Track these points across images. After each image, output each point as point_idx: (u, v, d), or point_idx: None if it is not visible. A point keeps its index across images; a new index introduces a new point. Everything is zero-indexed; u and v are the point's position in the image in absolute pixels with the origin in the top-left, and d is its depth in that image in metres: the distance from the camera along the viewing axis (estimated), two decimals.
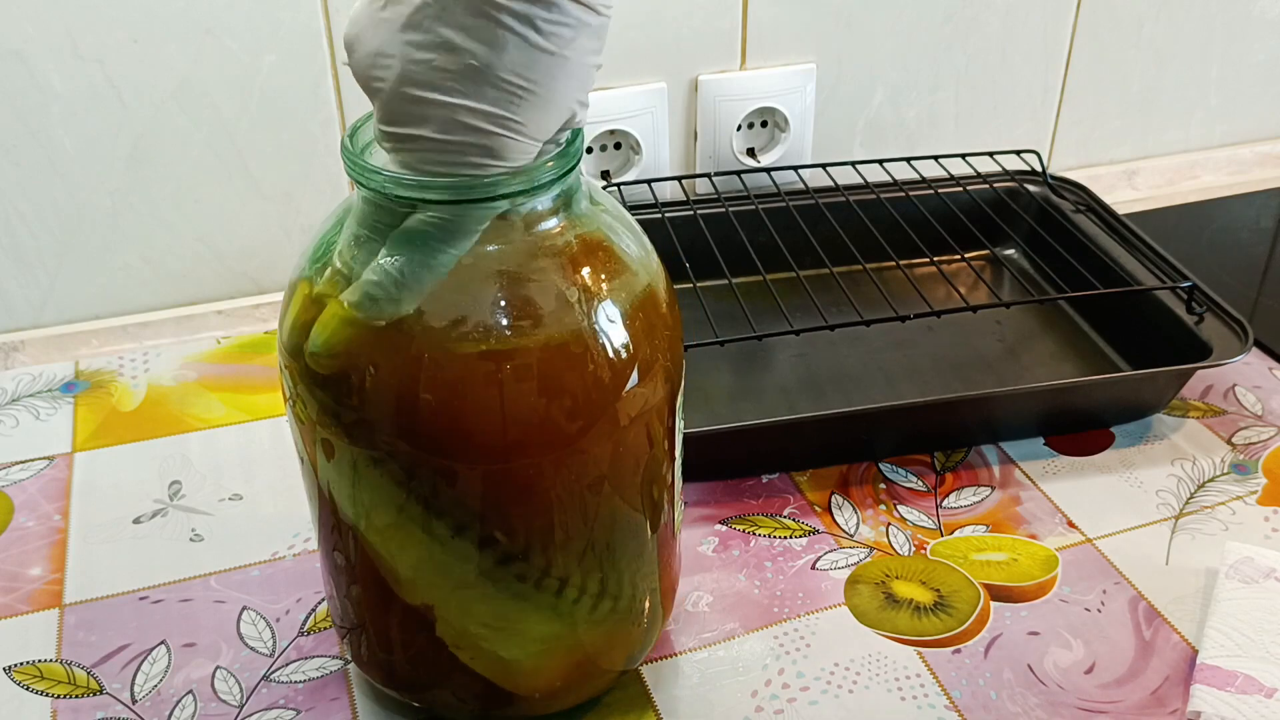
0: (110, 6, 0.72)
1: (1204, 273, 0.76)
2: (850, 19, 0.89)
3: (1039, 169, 0.90)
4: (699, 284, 0.74)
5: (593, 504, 0.48)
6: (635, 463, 0.48)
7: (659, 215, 0.82)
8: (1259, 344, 0.78)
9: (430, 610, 0.49)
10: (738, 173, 0.88)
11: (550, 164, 0.43)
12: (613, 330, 0.45)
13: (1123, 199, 1.02)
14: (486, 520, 0.46)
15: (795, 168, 0.88)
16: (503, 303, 0.44)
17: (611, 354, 0.45)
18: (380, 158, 0.44)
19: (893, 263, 0.78)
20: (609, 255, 0.47)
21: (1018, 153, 0.89)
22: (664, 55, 0.86)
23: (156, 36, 0.74)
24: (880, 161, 0.88)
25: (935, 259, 0.79)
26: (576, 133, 0.45)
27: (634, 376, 0.46)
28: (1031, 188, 0.89)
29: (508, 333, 0.43)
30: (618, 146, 0.88)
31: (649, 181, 0.85)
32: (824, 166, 0.87)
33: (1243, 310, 0.73)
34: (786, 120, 0.91)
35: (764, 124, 0.92)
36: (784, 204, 0.84)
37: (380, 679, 0.53)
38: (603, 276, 0.46)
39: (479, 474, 0.45)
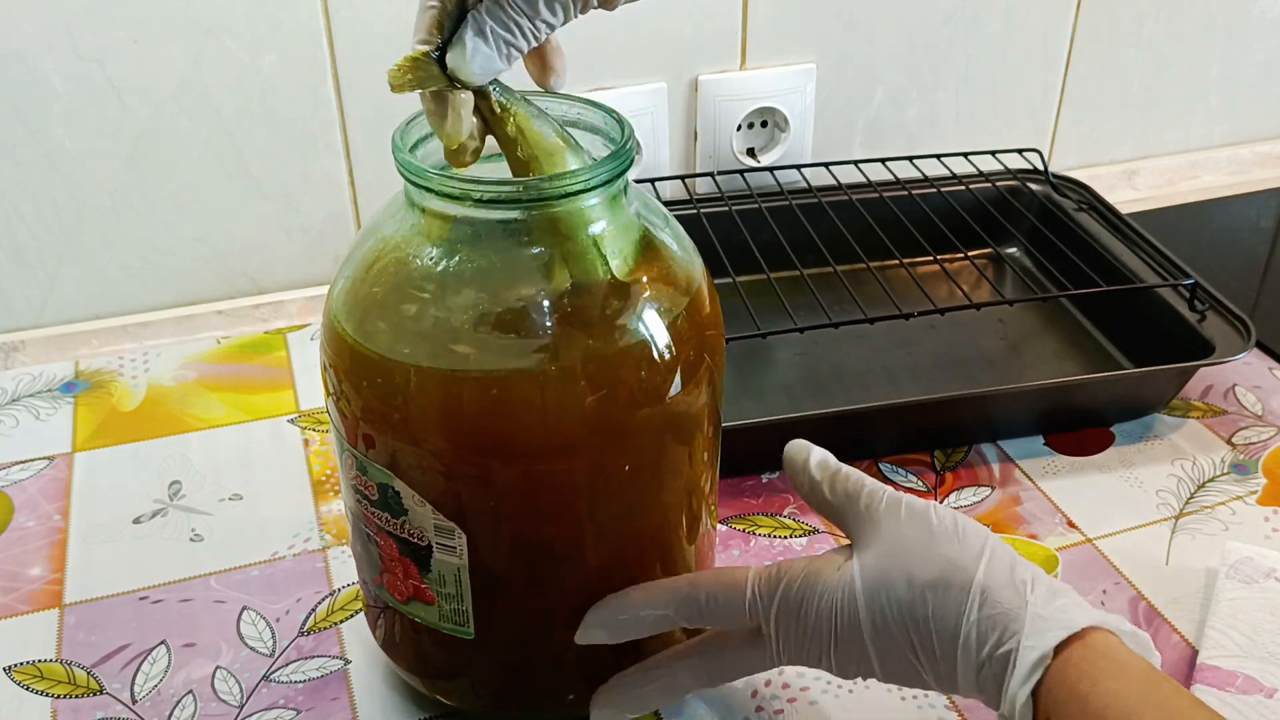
0: (110, 6, 0.72)
1: (1204, 272, 0.76)
2: (850, 19, 0.89)
3: (1040, 167, 0.90)
4: None
5: (628, 510, 0.47)
6: (676, 468, 0.48)
7: None
8: (1259, 344, 0.78)
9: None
10: (740, 171, 0.88)
11: (601, 165, 0.43)
12: (658, 335, 0.45)
13: (1123, 199, 1.01)
14: (520, 522, 0.46)
15: (798, 166, 0.88)
16: (545, 304, 0.44)
17: (656, 358, 0.45)
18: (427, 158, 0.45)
19: (896, 261, 0.78)
20: (656, 259, 0.46)
21: (1019, 151, 0.89)
22: (664, 55, 0.86)
23: (156, 36, 0.74)
24: (883, 160, 0.88)
25: (938, 257, 0.79)
26: (626, 135, 0.45)
27: (677, 381, 0.45)
28: (1034, 186, 0.89)
29: (549, 334, 0.43)
30: None
31: (651, 181, 0.85)
32: (826, 165, 0.87)
33: (1243, 310, 0.73)
34: (786, 120, 0.91)
35: (764, 124, 0.92)
36: (787, 202, 0.84)
37: (406, 665, 0.53)
38: (648, 280, 0.45)
39: (517, 473, 0.45)
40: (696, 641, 0.50)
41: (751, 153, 0.92)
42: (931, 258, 0.79)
